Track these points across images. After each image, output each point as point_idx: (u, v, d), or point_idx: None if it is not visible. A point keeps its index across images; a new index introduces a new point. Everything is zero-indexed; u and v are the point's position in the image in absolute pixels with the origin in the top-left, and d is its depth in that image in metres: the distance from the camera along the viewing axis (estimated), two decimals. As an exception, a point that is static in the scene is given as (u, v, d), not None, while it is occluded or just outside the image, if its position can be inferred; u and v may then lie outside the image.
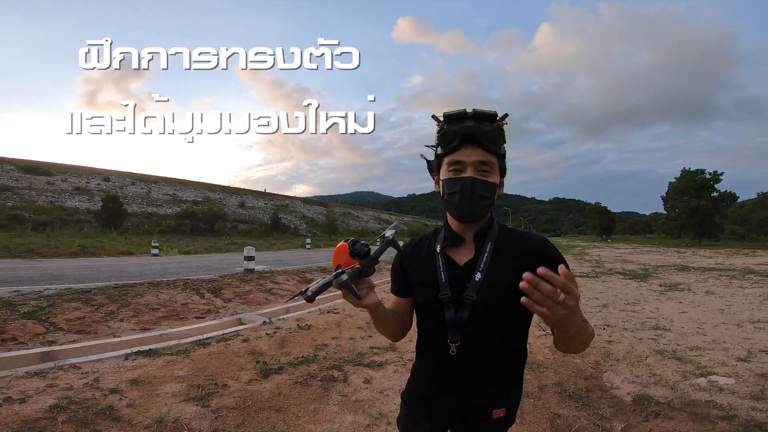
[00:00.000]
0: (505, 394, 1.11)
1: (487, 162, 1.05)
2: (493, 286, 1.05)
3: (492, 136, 1.04)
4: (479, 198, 1.05)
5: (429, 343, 1.17)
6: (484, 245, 1.10)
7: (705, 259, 19.13)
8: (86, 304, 5.96)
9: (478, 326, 1.06)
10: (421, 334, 1.21)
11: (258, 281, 9.22)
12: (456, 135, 1.05)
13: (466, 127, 1.03)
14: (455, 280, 1.09)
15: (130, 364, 3.78)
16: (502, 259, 1.08)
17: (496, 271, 1.07)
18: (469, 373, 1.09)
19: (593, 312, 6.78)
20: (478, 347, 1.07)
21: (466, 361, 1.08)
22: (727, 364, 4.00)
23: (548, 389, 3.42)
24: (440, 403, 1.14)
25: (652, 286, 10.10)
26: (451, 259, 1.12)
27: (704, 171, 40.97)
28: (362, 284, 1.02)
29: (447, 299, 1.08)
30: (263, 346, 4.53)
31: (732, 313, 6.54)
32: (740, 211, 50.20)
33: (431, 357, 1.17)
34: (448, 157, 1.08)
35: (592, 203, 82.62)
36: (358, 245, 1.01)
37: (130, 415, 2.75)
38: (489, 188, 1.06)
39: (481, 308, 1.05)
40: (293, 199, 77.81)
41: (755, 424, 2.72)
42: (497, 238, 1.12)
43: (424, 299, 1.15)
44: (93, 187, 43.85)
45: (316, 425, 2.76)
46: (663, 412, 2.96)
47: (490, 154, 1.06)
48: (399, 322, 1.21)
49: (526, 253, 1.08)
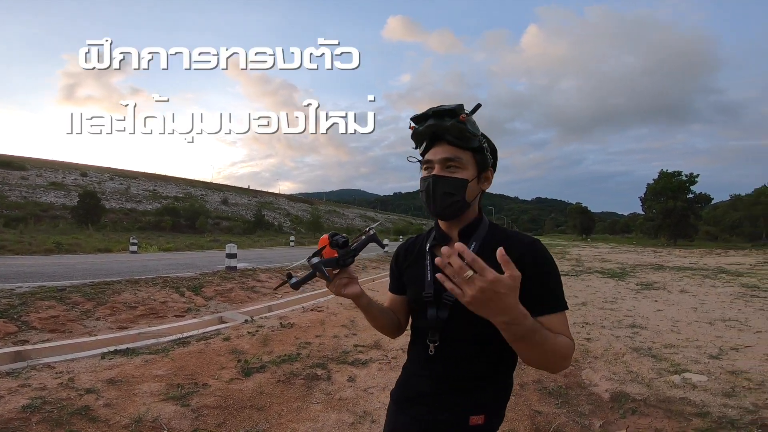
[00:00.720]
0: (485, 400, 1.06)
1: (453, 158, 1.04)
2: None
3: (454, 131, 1.02)
4: (443, 195, 1.04)
5: (415, 341, 1.18)
6: (468, 244, 1.07)
7: (680, 259, 19.71)
8: (61, 302, 5.79)
9: (456, 327, 1.04)
10: (412, 332, 1.22)
11: (240, 279, 9.11)
12: (423, 135, 1.07)
13: (428, 127, 1.04)
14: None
15: (106, 364, 3.68)
16: (486, 261, 1.05)
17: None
18: (447, 375, 1.07)
19: (572, 310, 6.91)
20: (456, 349, 1.05)
21: (444, 362, 1.06)
22: (700, 362, 4.13)
23: (528, 386, 3.47)
24: (423, 404, 1.12)
25: (629, 284, 10.35)
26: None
27: (681, 173, 42.25)
28: (343, 274, 1.06)
29: (429, 298, 1.07)
30: (245, 344, 4.47)
31: (704, 312, 6.76)
32: (714, 213, 51.93)
33: (415, 355, 1.17)
34: (424, 157, 1.10)
35: (574, 203, 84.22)
36: (337, 236, 1.05)
37: (107, 414, 2.68)
38: (454, 184, 1.03)
39: (460, 309, 0.98)
40: (277, 196, 77.13)
41: (727, 421, 2.81)
42: (484, 237, 1.09)
43: (412, 297, 1.16)
44: (69, 183, 42.64)
45: (299, 424, 2.74)
46: (639, 409, 3.03)
47: (460, 149, 1.04)
48: (391, 319, 1.22)
49: (513, 256, 0.95)
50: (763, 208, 42.78)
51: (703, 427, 2.73)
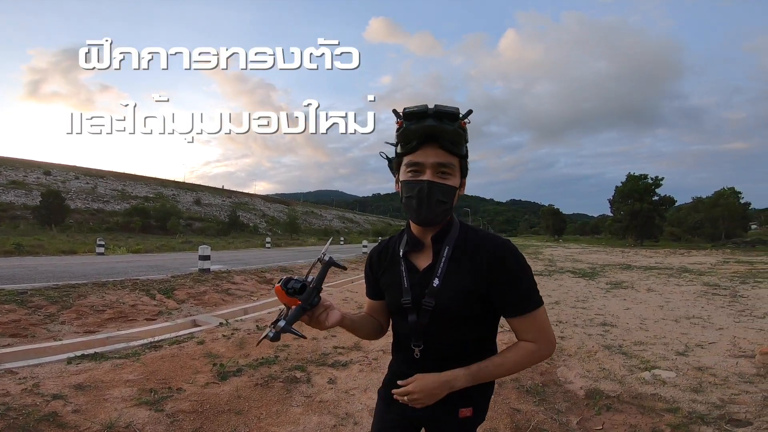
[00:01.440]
0: (472, 394, 1.10)
1: (447, 164, 1.01)
2: (450, 292, 1.04)
3: (453, 136, 0.99)
4: (437, 203, 1.01)
5: (399, 344, 1.19)
6: (442, 249, 1.07)
7: (646, 259, 20.50)
8: (22, 305, 5.52)
9: (438, 331, 1.07)
10: (393, 335, 1.23)
11: (214, 281, 8.90)
12: (415, 134, 0.99)
13: (425, 127, 0.97)
14: (416, 285, 1.08)
15: (73, 369, 3.52)
16: (460, 264, 1.06)
17: (454, 277, 1.05)
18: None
19: (546, 309, 7.05)
20: (440, 351, 1.08)
21: (429, 364, 1.08)
22: (668, 358, 4.29)
23: (507, 385, 3.53)
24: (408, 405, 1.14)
25: (599, 284, 10.68)
26: (412, 264, 1.11)
27: (647, 176, 43.97)
28: (318, 310, 1.01)
29: (408, 305, 1.08)
30: (220, 348, 4.36)
31: (670, 310, 7.03)
32: (677, 214, 54.29)
33: (401, 357, 1.19)
34: (408, 157, 1.03)
35: (546, 205, 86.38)
36: (291, 283, 0.99)
37: (76, 421, 2.56)
38: (447, 192, 1.02)
39: (440, 314, 1.05)
40: (253, 197, 75.84)
41: (697, 416, 2.91)
42: (456, 240, 1.08)
43: (391, 303, 1.16)
44: (31, 181, 40.69)
45: (279, 427, 2.68)
46: (614, 406, 3.12)
47: (451, 155, 1.01)
48: (373, 325, 1.23)
49: (485, 259, 1.03)
50: (722, 209, 45.04)
51: (675, 422, 2.83)
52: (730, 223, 45.06)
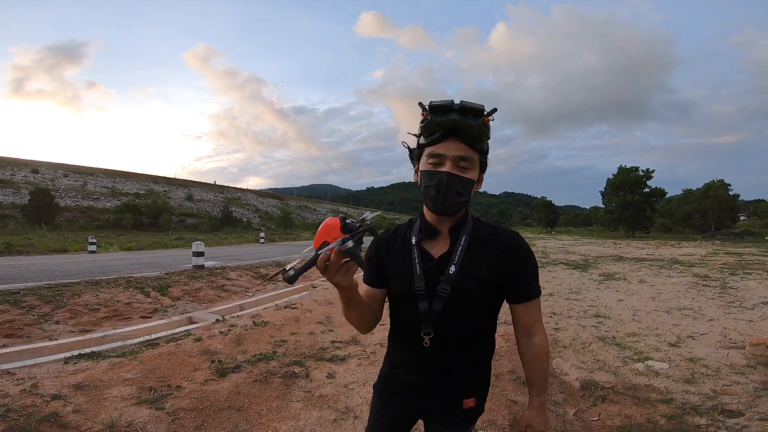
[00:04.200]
0: (475, 385, 1.16)
1: (467, 158, 1.04)
2: (466, 279, 1.07)
3: (476, 131, 1.03)
4: (455, 194, 1.05)
5: (402, 334, 1.18)
6: (459, 238, 1.11)
7: (638, 250, 20.73)
8: (15, 305, 5.47)
9: (451, 318, 1.08)
10: (394, 325, 1.22)
11: (209, 278, 8.87)
12: (439, 127, 1.03)
13: (450, 120, 1.01)
14: (430, 272, 1.10)
15: (71, 368, 3.50)
16: (475, 253, 1.10)
17: (470, 265, 1.09)
18: (442, 364, 1.11)
19: (540, 300, 7.14)
20: (450, 339, 1.10)
21: (439, 353, 1.10)
22: (661, 350, 4.36)
23: (504, 377, 3.57)
24: (412, 393, 1.16)
25: (592, 275, 10.79)
26: (426, 251, 1.13)
27: (638, 168, 44.30)
28: (346, 264, 0.92)
29: (421, 291, 1.08)
30: (217, 344, 4.36)
31: (662, 301, 7.14)
32: (668, 206, 54.94)
33: (404, 347, 1.18)
34: (429, 148, 1.06)
35: (539, 197, 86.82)
36: (349, 221, 0.92)
37: (77, 421, 2.55)
38: (465, 184, 1.06)
39: (454, 301, 1.07)
40: (246, 192, 75.39)
41: (690, 407, 2.98)
42: (471, 232, 1.13)
43: (399, 290, 1.15)
44: (19, 180, 40.05)
45: (280, 423, 2.70)
46: (609, 397, 3.17)
47: (472, 149, 1.05)
48: (371, 312, 1.19)
49: (499, 249, 1.11)
50: (712, 201, 45.65)
51: (669, 413, 2.89)
52: (719, 215, 45.71)
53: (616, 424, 2.76)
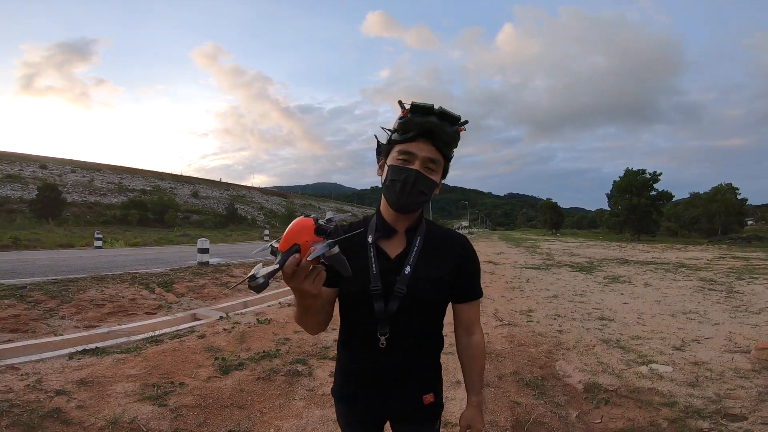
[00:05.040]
0: (431, 380, 1.19)
1: (435, 160, 1.08)
2: (421, 280, 1.10)
3: (449, 137, 1.07)
4: (419, 192, 1.07)
5: (356, 336, 1.16)
6: (414, 239, 1.14)
7: (643, 253, 20.60)
8: (21, 300, 5.52)
9: (406, 318, 1.09)
10: (346, 327, 1.19)
11: (213, 275, 8.92)
12: (417, 126, 1.05)
13: (428, 122, 1.04)
14: (386, 272, 1.10)
15: (75, 364, 3.53)
16: (429, 255, 1.14)
17: (425, 266, 1.12)
18: (399, 364, 1.13)
19: (545, 303, 7.12)
20: (405, 338, 1.11)
21: (395, 352, 1.11)
22: (665, 353, 4.33)
23: (507, 378, 3.56)
24: (373, 395, 1.16)
25: (597, 278, 10.74)
26: (382, 251, 1.13)
27: (645, 171, 43.95)
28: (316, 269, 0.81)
29: (377, 291, 1.08)
30: (221, 341, 4.38)
31: (667, 304, 7.09)
32: (674, 209, 54.51)
33: (359, 349, 1.16)
34: (401, 145, 1.07)
35: (544, 199, 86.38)
36: (322, 221, 0.82)
37: (80, 417, 2.57)
38: (430, 185, 1.09)
39: (409, 301, 1.09)
40: (251, 189, 75.64)
41: (693, 410, 2.96)
42: (426, 234, 1.16)
43: (353, 290, 1.12)
44: (27, 175, 40.37)
45: (283, 421, 2.71)
46: (612, 400, 3.16)
47: (441, 154, 1.08)
48: (326, 313, 1.14)
49: (451, 252, 1.17)
50: (719, 205, 45.20)
51: (672, 416, 2.87)
52: (726, 219, 45.26)
53: (618, 427, 2.75)
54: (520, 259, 16.55)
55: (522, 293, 8.22)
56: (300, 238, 0.79)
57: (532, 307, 6.77)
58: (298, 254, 0.77)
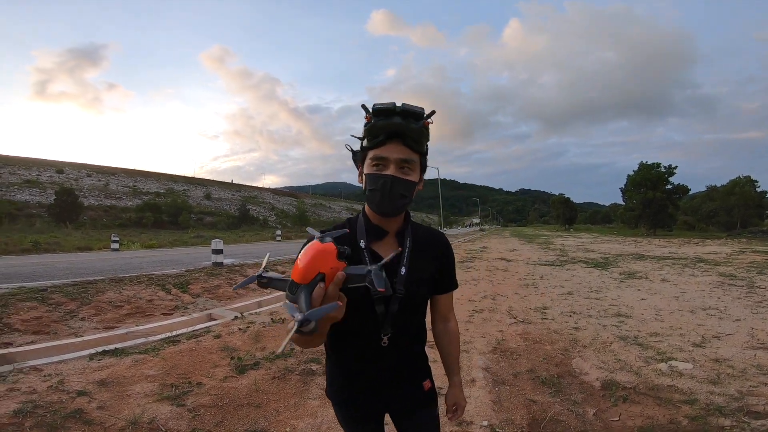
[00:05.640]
0: (425, 369, 1.28)
1: (409, 160, 1.07)
2: (415, 278, 1.15)
3: (416, 134, 1.05)
4: (399, 196, 1.08)
5: (356, 340, 1.16)
6: (405, 240, 1.17)
7: (660, 248, 20.24)
8: (43, 303, 5.64)
9: (404, 317, 1.14)
10: (343, 332, 1.16)
11: (227, 275, 9.00)
12: (382, 130, 1.05)
13: (392, 124, 1.03)
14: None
15: (95, 365, 3.60)
16: (418, 254, 1.18)
17: (416, 265, 1.16)
18: (399, 359, 1.18)
19: (559, 299, 7.04)
20: (404, 335, 1.17)
21: (396, 349, 1.16)
22: (685, 350, 4.25)
23: (522, 376, 3.54)
24: (375, 392, 1.18)
25: (612, 274, 10.58)
26: (376, 254, 1.13)
27: (660, 165, 43.13)
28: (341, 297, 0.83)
29: (378, 294, 1.08)
30: (237, 341, 4.43)
31: (686, 300, 6.96)
32: (691, 203, 53.42)
33: (359, 352, 1.16)
34: (373, 151, 1.07)
35: (557, 194, 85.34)
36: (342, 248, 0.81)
37: (101, 417, 2.63)
38: (408, 186, 1.09)
39: (407, 300, 1.13)
40: (262, 190, 76.27)
41: (714, 408, 2.90)
42: (412, 234, 1.20)
43: (353, 297, 1.06)
44: (45, 180, 41.30)
45: (298, 420, 2.73)
46: (630, 397, 3.11)
47: (413, 152, 1.08)
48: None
49: (436, 250, 1.24)
50: (738, 198, 44.18)
51: (693, 414, 2.82)
52: (745, 212, 44.22)
53: (637, 424, 2.70)
54: (534, 256, 16.39)
55: (536, 290, 8.14)
56: (324, 266, 0.77)
57: (546, 304, 6.70)
58: (323, 283, 0.75)
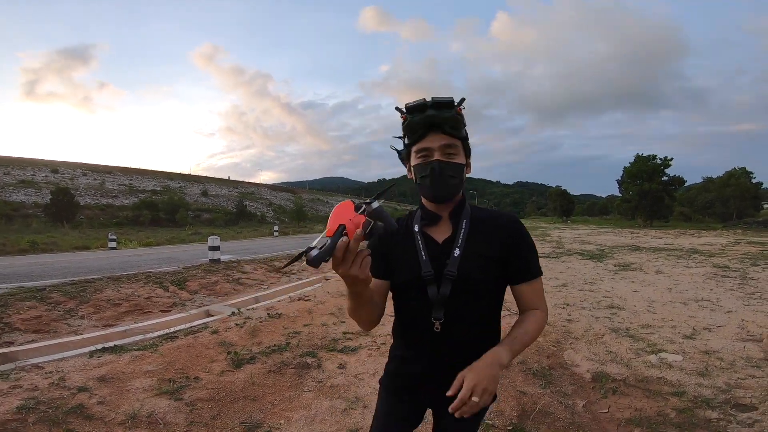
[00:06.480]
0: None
1: (451, 145, 1.12)
2: (471, 260, 1.11)
3: (452, 121, 1.10)
4: (448, 178, 1.12)
5: (410, 324, 1.19)
6: (460, 222, 1.16)
7: (656, 240, 20.35)
8: (42, 302, 5.69)
9: (459, 301, 1.11)
10: (401, 316, 1.23)
11: (225, 271, 9.05)
12: (420, 125, 1.10)
13: (427, 117, 1.09)
14: (435, 257, 1.13)
15: (95, 362, 3.66)
16: (477, 236, 1.15)
17: (473, 246, 1.13)
18: (453, 350, 1.13)
19: (553, 291, 7.12)
20: (460, 323, 1.12)
21: (450, 338, 1.12)
22: (675, 342, 4.32)
23: (513, 367, 3.60)
24: (424, 384, 1.18)
25: (607, 266, 10.67)
26: (429, 237, 1.17)
27: (655, 156, 43.21)
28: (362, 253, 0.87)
29: (430, 276, 1.11)
30: (233, 336, 4.49)
31: (679, 292, 7.04)
32: (687, 194, 53.58)
33: (413, 337, 1.19)
34: (416, 145, 1.14)
35: (554, 186, 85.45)
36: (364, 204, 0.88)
37: (102, 412, 2.69)
38: (456, 169, 1.13)
39: (461, 283, 1.10)
40: (259, 186, 76.10)
41: (702, 400, 2.97)
42: (471, 216, 1.18)
43: (406, 278, 1.17)
44: (40, 180, 41.07)
45: (293, 412, 2.80)
46: (620, 389, 3.18)
47: (454, 138, 1.12)
48: (377, 306, 1.16)
49: (500, 230, 1.16)
50: (733, 189, 44.34)
51: (680, 406, 2.88)
52: (741, 203, 44.40)
53: (625, 416, 2.77)
54: (530, 249, 16.45)
55: (531, 283, 8.19)
56: (344, 217, 0.85)
57: (540, 296, 6.77)
58: (345, 236, 0.83)
